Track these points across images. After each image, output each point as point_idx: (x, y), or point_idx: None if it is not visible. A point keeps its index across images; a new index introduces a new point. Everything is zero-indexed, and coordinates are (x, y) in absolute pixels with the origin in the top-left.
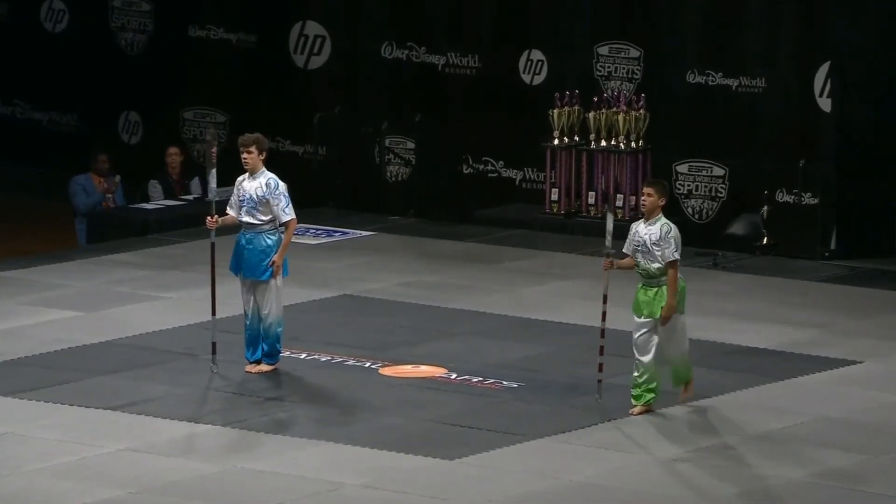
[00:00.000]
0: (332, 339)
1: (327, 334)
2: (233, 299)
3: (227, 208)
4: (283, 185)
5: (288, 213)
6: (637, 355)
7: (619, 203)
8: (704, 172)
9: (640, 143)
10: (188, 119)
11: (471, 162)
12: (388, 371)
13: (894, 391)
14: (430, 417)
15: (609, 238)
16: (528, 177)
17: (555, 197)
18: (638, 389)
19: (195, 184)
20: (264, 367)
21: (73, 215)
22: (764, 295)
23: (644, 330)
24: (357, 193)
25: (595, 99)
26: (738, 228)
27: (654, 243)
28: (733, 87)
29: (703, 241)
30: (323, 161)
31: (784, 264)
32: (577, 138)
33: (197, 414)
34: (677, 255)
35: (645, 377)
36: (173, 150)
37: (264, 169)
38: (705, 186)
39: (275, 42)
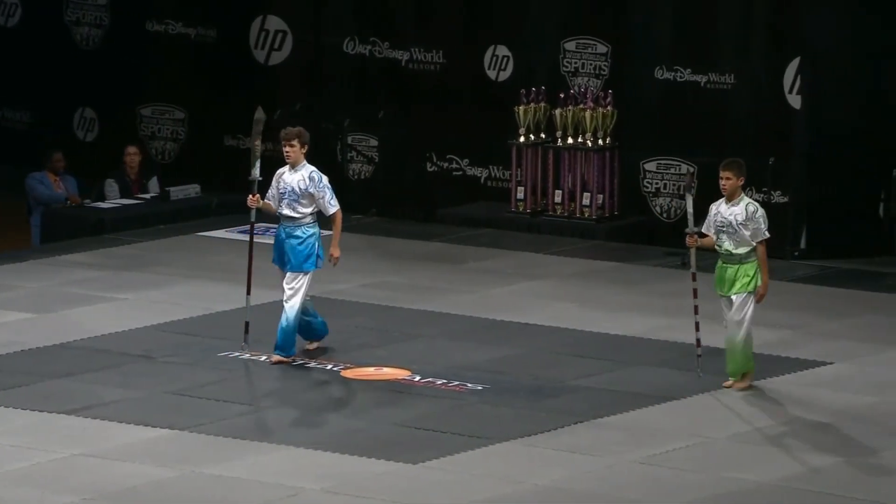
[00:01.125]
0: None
1: None
2: (222, 296)
3: (266, 199)
4: (325, 178)
5: (334, 205)
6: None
7: (585, 202)
8: (673, 170)
9: (608, 140)
10: (146, 116)
11: (435, 160)
12: (350, 373)
13: (865, 393)
14: (394, 421)
15: (691, 220)
16: (493, 175)
17: (521, 195)
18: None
19: (153, 183)
20: (276, 358)
21: (28, 213)
22: None
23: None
24: None
25: (562, 95)
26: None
27: (741, 223)
28: (702, 84)
29: (670, 240)
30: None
31: None
32: (543, 136)
33: (154, 418)
34: (767, 234)
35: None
36: (132, 149)
37: (305, 162)
38: (674, 184)
39: (235, 37)
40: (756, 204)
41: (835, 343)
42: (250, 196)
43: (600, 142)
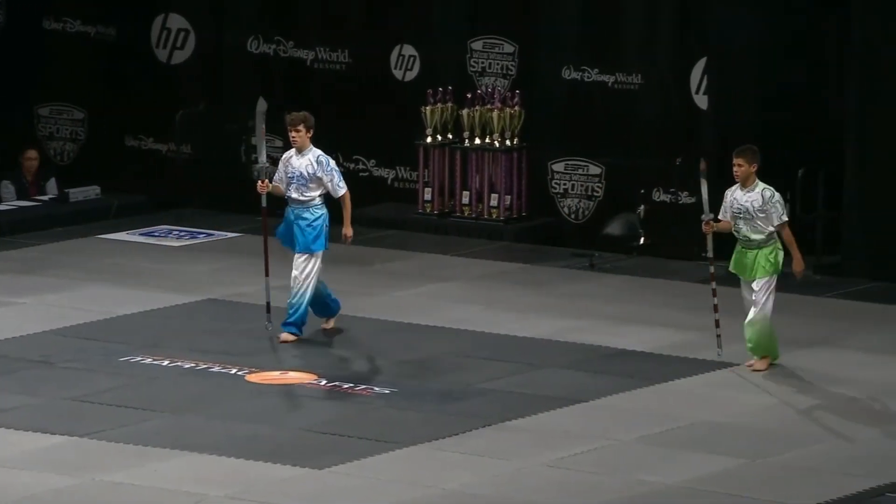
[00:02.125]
0: (197, 345)
1: (191, 340)
2: (122, 299)
3: (274, 182)
4: (332, 161)
5: (342, 187)
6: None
7: (493, 203)
8: (581, 171)
9: (516, 140)
10: (43, 116)
11: (341, 160)
12: (255, 378)
13: (771, 394)
14: (299, 425)
15: (706, 206)
16: (400, 176)
17: (428, 197)
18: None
19: (52, 185)
20: (290, 337)
21: None
22: (641, 297)
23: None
24: (223, 193)
25: (469, 96)
26: (614, 228)
27: (758, 209)
28: (609, 84)
29: (579, 241)
30: (186, 159)
31: (661, 265)
32: (450, 136)
33: (53, 425)
34: (786, 217)
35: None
36: (31, 153)
37: (311, 146)
38: (582, 185)
39: (136, 35)
40: (772, 189)
41: (741, 344)
42: (259, 182)
43: (508, 142)
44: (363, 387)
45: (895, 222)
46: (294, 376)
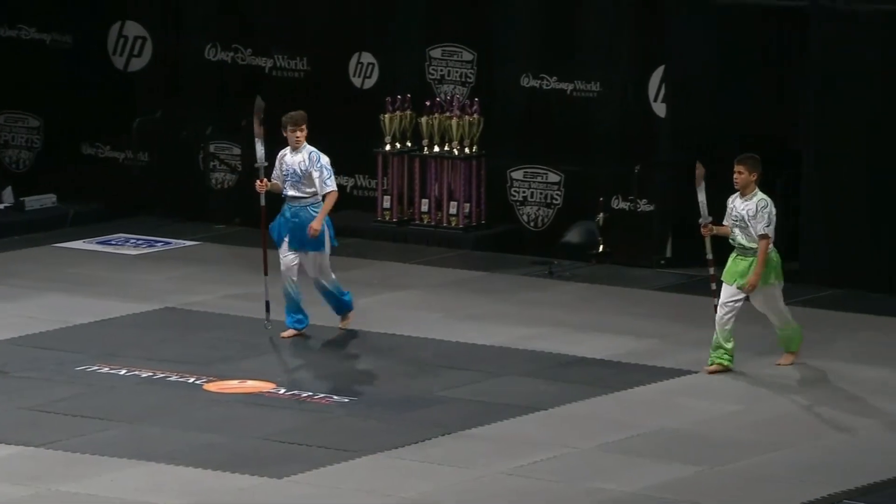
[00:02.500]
0: (154, 354)
1: (149, 349)
2: (78, 308)
3: (273, 180)
4: (325, 158)
5: (329, 185)
6: (722, 316)
7: (452, 211)
8: (540, 179)
9: (474, 148)
10: None
11: None
12: (213, 387)
13: (729, 401)
14: (258, 434)
15: (704, 209)
16: (359, 184)
17: (387, 204)
18: (718, 351)
19: (7, 193)
20: (347, 321)
21: None
22: (600, 304)
23: (733, 298)
24: (180, 201)
25: (427, 103)
26: (573, 236)
27: (752, 218)
28: (568, 92)
29: (538, 249)
30: (144, 167)
31: (620, 273)
32: (409, 144)
33: (8, 435)
34: (768, 230)
35: (721, 341)
36: None
37: (306, 143)
38: (541, 193)
39: (92, 43)
40: (767, 199)
41: (701, 352)
42: (258, 181)
43: (467, 150)
44: (322, 395)
45: (853, 229)
46: (252, 385)
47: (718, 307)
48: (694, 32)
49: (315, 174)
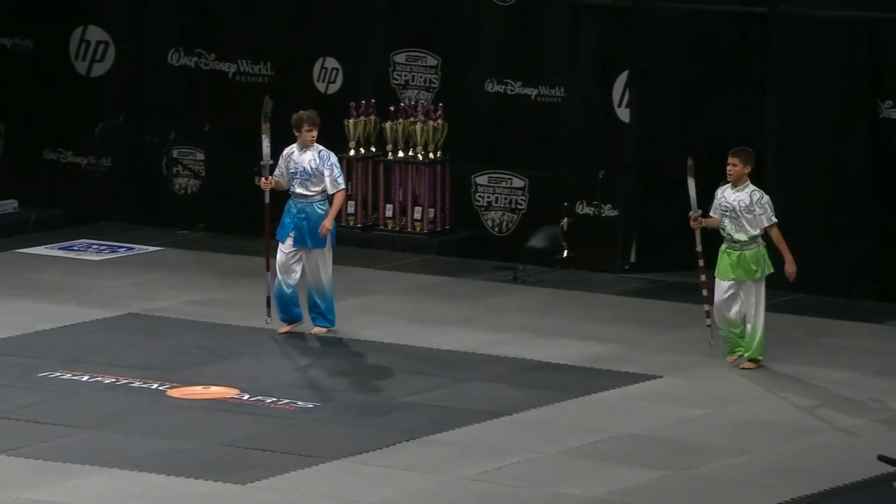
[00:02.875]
0: (117, 360)
1: (112, 355)
2: (40, 314)
3: (275, 177)
4: (334, 156)
5: (340, 183)
6: (722, 314)
7: (417, 216)
8: (504, 184)
9: (439, 153)
10: None
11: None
12: (176, 393)
13: (693, 406)
14: (221, 440)
15: (694, 203)
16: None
17: (351, 209)
18: (729, 345)
19: None
20: (321, 330)
21: None
22: (565, 309)
23: (729, 293)
24: (143, 207)
25: (392, 108)
26: (538, 241)
27: (744, 209)
28: (532, 97)
29: (503, 254)
30: (107, 173)
31: (585, 278)
32: (373, 149)
33: None
34: (774, 219)
35: (733, 333)
36: None
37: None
38: (505, 198)
39: (54, 47)
40: (761, 191)
41: (665, 356)
42: (263, 179)
43: (431, 155)
44: (286, 401)
45: (815, 233)
46: (216, 391)
47: (716, 307)
48: (657, 38)
49: (326, 172)
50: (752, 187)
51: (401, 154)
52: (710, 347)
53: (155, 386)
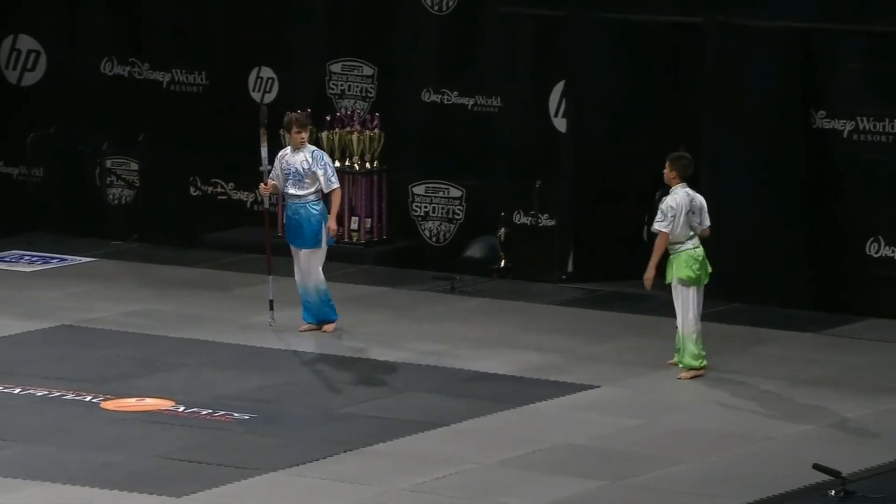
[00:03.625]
0: (50, 372)
1: (44, 367)
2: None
3: (271, 179)
4: (327, 156)
5: (334, 182)
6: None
7: (354, 226)
8: (441, 194)
9: (376, 163)
10: None
11: (199, 184)
12: (110, 405)
13: (631, 416)
14: (157, 453)
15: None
16: (259, 199)
17: None
18: (679, 353)
19: None
20: (330, 327)
21: None
22: (503, 319)
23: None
24: (76, 217)
25: (328, 118)
26: (475, 251)
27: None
28: (469, 107)
29: (440, 264)
30: (39, 183)
31: (522, 287)
32: None
33: None
34: (658, 226)
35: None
36: None
37: (307, 143)
38: (442, 208)
39: None
40: (674, 197)
41: (602, 366)
42: (262, 185)
43: (368, 165)
44: (222, 413)
45: (750, 244)
46: (151, 403)
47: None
48: (593, 48)
49: (320, 172)
50: (673, 192)
51: (337, 164)
52: (649, 357)
53: (89, 398)
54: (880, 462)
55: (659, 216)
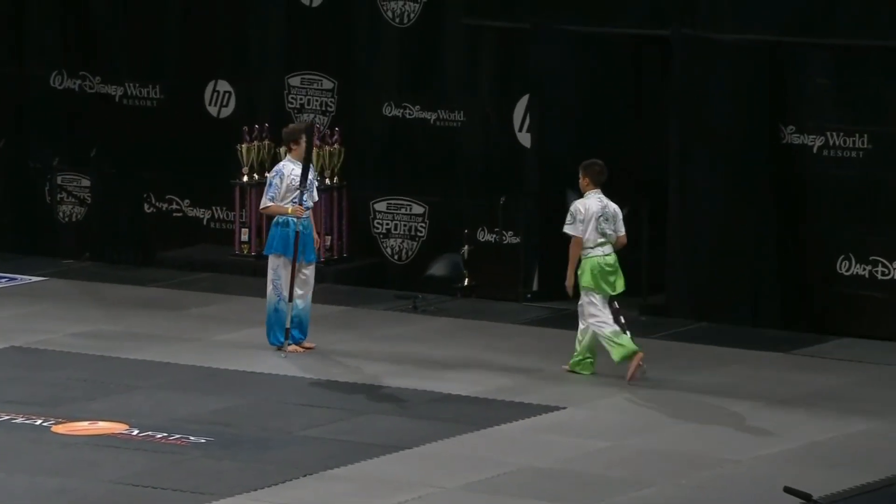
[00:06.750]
0: None
1: None
2: None
3: (278, 202)
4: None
5: (315, 197)
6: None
7: None
8: (404, 210)
9: (336, 179)
10: None
11: (153, 201)
12: (61, 428)
13: (597, 438)
14: (110, 478)
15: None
16: (216, 216)
17: (245, 237)
18: (576, 357)
19: None
20: (311, 345)
21: None
22: (466, 339)
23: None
24: (26, 235)
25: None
26: (438, 269)
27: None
28: (431, 121)
29: (402, 283)
30: None
31: (486, 306)
32: (268, 175)
33: None
34: (568, 230)
35: (579, 346)
36: None
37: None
38: (405, 225)
39: None
40: (584, 201)
41: (568, 387)
42: (299, 207)
43: (328, 181)
44: (177, 436)
45: (717, 262)
46: (104, 426)
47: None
48: (558, 61)
49: (315, 184)
50: (584, 197)
51: None
52: (616, 378)
53: (39, 422)
54: (851, 485)
55: (568, 218)
